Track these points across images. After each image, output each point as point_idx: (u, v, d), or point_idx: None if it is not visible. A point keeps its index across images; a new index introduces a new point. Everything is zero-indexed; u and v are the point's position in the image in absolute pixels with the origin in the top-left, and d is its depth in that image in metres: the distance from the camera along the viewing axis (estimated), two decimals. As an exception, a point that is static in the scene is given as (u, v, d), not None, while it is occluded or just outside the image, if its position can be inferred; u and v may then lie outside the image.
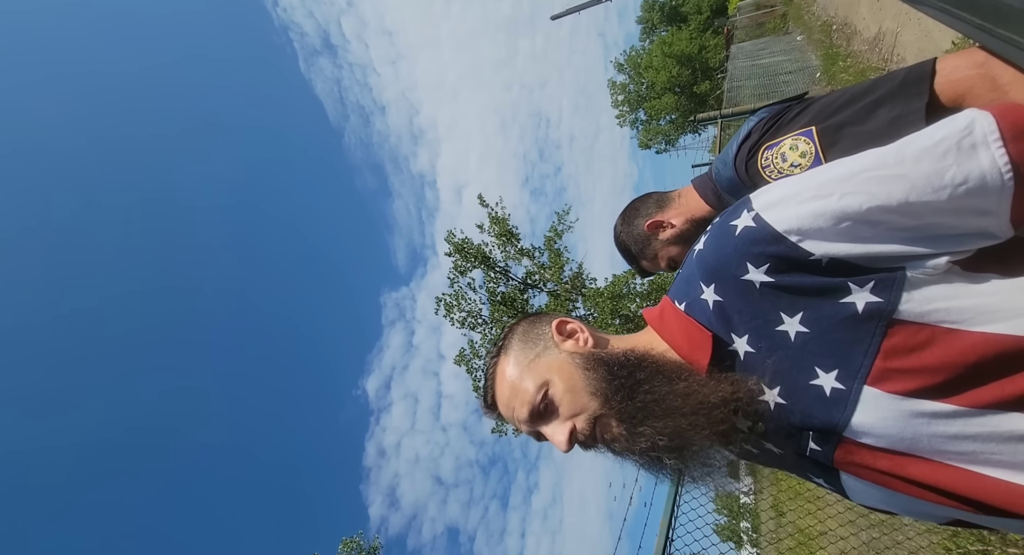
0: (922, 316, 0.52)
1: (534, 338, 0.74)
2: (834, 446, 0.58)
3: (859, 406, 0.54)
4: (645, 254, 1.45)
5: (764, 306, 0.58)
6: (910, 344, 0.52)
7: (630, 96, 25.33)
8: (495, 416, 0.76)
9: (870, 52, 6.13)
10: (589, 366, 0.68)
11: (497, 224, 12.44)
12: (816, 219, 0.54)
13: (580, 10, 15.37)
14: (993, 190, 0.50)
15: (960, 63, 0.81)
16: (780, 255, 0.56)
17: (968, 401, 0.50)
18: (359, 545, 12.25)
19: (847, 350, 0.54)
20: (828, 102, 1.00)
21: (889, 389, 0.53)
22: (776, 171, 1.03)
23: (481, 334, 12.10)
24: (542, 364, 0.71)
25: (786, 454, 0.65)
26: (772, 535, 4.97)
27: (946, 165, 0.50)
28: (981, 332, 0.50)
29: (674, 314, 0.68)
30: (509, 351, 0.74)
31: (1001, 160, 0.49)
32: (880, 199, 0.52)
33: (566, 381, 0.68)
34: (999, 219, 0.51)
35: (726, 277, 0.60)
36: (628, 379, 0.65)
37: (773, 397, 0.60)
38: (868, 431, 0.55)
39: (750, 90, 9.74)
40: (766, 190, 0.61)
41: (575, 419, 0.67)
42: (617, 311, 11.10)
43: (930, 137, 0.52)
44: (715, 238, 0.62)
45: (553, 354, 0.71)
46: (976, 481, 0.52)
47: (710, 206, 1.35)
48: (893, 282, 0.53)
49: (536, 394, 0.68)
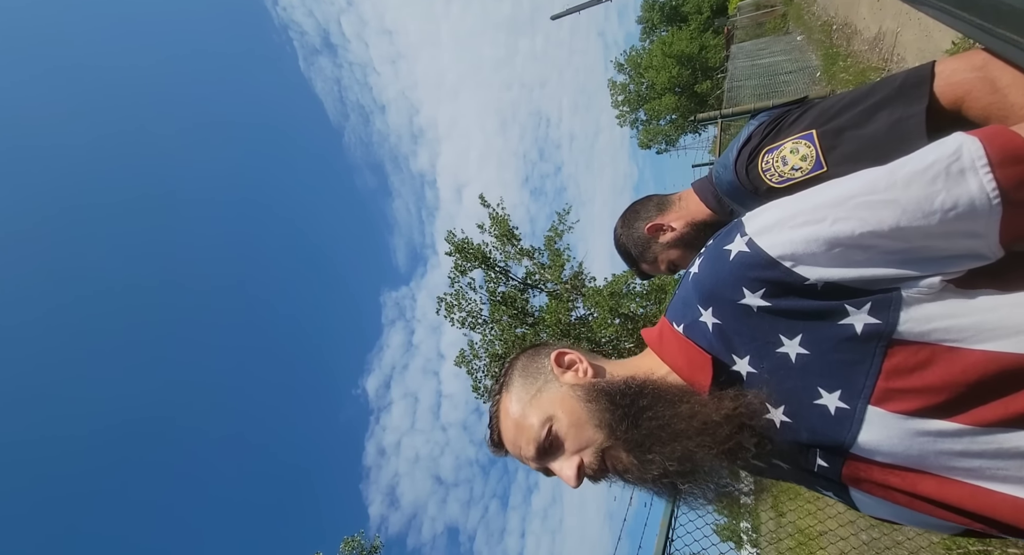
0: (922, 336, 0.53)
1: (534, 372, 0.74)
2: (842, 463, 0.59)
3: (864, 425, 0.55)
4: (645, 257, 1.45)
5: (763, 329, 0.59)
6: (911, 364, 0.53)
7: (630, 96, 25.32)
8: (503, 454, 0.76)
9: (870, 52, 6.13)
10: (591, 398, 0.68)
11: (497, 224, 12.45)
12: (809, 245, 0.54)
13: (580, 10, 15.37)
14: (981, 214, 0.51)
15: (959, 66, 0.81)
16: (775, 280, 0.56)
17: (972, 419, 0.51)
18: (360, 544, 12.26)
19: (848, 371, 0.55)
20: (828, 106, 1.00)
21: (893, 409, 0.53)
22: (777, 174, 1.03)
23: (481, 334, 12.11)
24: (544, 399, 0.70)
25: (795, 470, 0.65)
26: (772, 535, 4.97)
27: (936, 190, 0.51)
28: (982, 350, 0.51)
29: (673, 336, 0.68)
30: (511, 388, 0.74)
31: (989, 185, 0.50)
32: (871, 224, 0.52)
33: (569, 415, 0.67)
34: (988, 241, 0.52)
35: (723, 301, 0.61)
36: (631, 407, 0.64)
37: (778, 416, 0.60)
38: (875, 449, 0.55)
39: (750, 90, 9.74)
40: (759, 213, 0.61)
41: (582, 453, 0.67)
42: (617, 311, 11.10)
43: (920, 161, 0.53)
44: (710, 262, 0.63)
45: (554, 388, 0.71)
46: (985, 497, 0.52)
47: (710, 209, 1.35)
48: (890, 303, 0.53)
49: (541, 431, 0.68)
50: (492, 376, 11.45)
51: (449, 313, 12.19)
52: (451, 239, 12.29)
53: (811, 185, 1.00)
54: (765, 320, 0.58)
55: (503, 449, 0.75)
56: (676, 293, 0.72)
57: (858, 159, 0.91)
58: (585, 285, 12.34)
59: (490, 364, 11.54)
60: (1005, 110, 0.76)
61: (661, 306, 11.14)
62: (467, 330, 12.18)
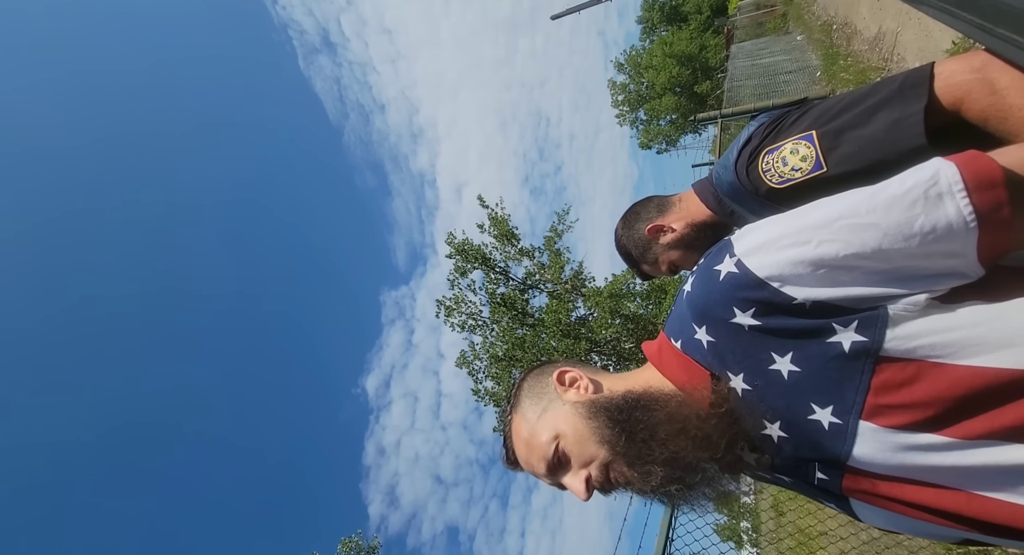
0: (908, 353, 0.55)
1: (539, 392, 0.77)
2: (840, 476, 0.61)
3: (858, 439, 0.57)
4: (646, 258, 1.45)
5: (755, 347, 0.61)
6: (898, 380, 0.55)
7: (630, 96, 25.34)
8: (519, 471, 0.79)
9: (870, 52, 6.13)
10: (591, 415, 0.70)
11: (497, 225, 12.45)
12: (795, 266, 0.57)
13: (580, 10, 15.39)
14: (959, 236, 0.53)
15: (958, 67, 0.81)
16: (764, 300, 0.58)
17: (961, 433, 0.53)
18: (358, 545, 12.24)
19: (838, 387, 0.57)
20: (828, 107, 1.00)
21: (884, 424, 0.55)
22: (777, 175, 1.03)
23: (482, 336, 12.12)
24: (549, 418, 0.73)
25: (797, 482, 0.67)
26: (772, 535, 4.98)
27: (915, 214, 0.54)
28: (967, 366, 0.53)
29: (672, 352, 0.71)
30: (520, 408, 0.77)
31: (966, 210, 0.52)
32: (855, 247, 0.55)
33: (573, 432, 0.70)
34: (967, 261, 0.54)
35: (715, 320, 0.63)
36: (627, 422, 0.67)
37: (775, 431, 0.62)
38: (870, 462, 0.57)
39: (750, 90, 9.74)
40: (746, 233, 0.64)
41: (588, 468, 0.69)
42: (617, 310, 11.11)
43: (899, 186, 0.56)
44: (701, 282, 0.65)
45: (558, 406, 0.74)
46: (980, 503, 0.54)
47: (711, 210, 1.35)
48: (876, 321, 0.55)
49: (549, 449, 0.71)
50: (493, 377, 11.45)
51: (448, 317, 12.20)
52: (451, 241, 12.30)
53: (811, 185, 1.01)
54: (756, 339, 0.60)
55: (518, 466, 0.78)
56: (672, 309, 0.75)
57: (858, 159, 0.92)
58: (585, 285, 12.35)
59: (491, 365, 11.54)
60: (1003, 111, 0.76)
61: (661, 307, 11.16)
62: (467, 333, 12.19)
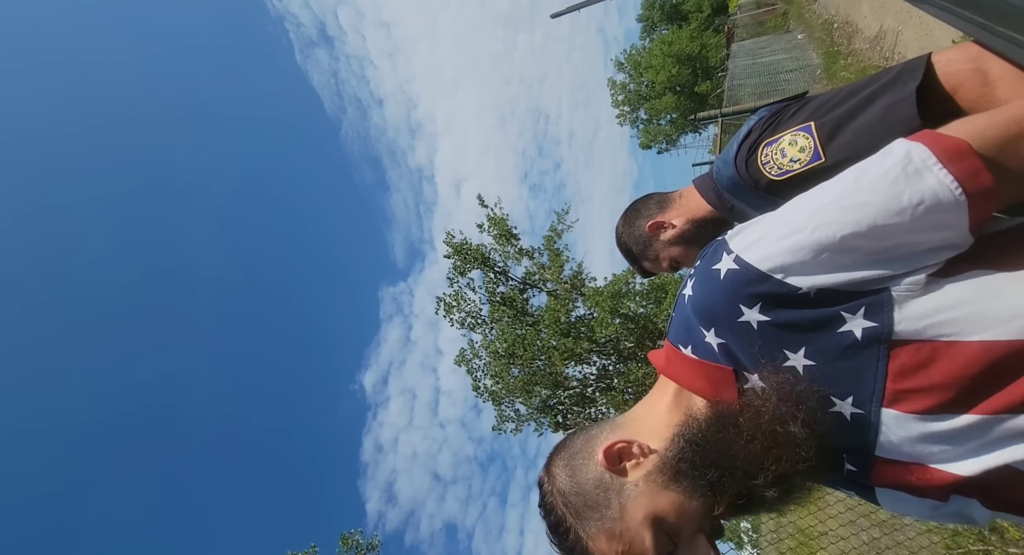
0: (919, 333, 0.54)
1: (596, 496, 0.64)
2: (870, 465, 0.60)
3: (882, 428, 0.57)
4: (647, 255, 1.45)
5: (767, 345, 0.60)
6: (915, 363, 0.54)
7: (630, 95, 25.28)
8: None
9: (871, 50, 6.12)
10: (673, 478, 0.62)
11: (496, 225, 12.45)
12: (795, 254, 0.56)
13: (580, 8, 15.37)
14: (948, 206, 0.53)
15: (955, 56, 0.83)
16: (769, 293, 0.58)
17: (984, 410, 0.52)
18: (358, 542, 12.24)
19: (856, 377, 0.57)
20: (826, 98, 1.01)
21: (907, 409, 0.55)
22: (776, 167, 1.04)
23: (481, 334, 12.12)
24: (631, 514, 0.62)
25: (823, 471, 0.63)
26: (772, 535, 4.98)
27: (900, 190, 0.54)
28: (980, 341, 0.52)
29: (683, 360, 0.67)
30: (588, 529, 0.64)
31: (947, 179, 0.53)
32: (851, 226, 0.55)
33: (671, 508, 0.62)
34: (959, 230, 0.55)
35: (723, 321, 0.61)
36: (711, 469, 0.60)
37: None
38: (897, 449, 0.57)
39: (751, 88, 9.74)
40: (740, 231, 0.63)
41: (702, 531, 0.62)
42: (617, 310, 11.10)
43: (878, 167, 0.57)
44: (701, 283, 0.64)
45: (631, 494, 0.63)
46: (1015, 476, 0.53)
47: (711, 206, 1.35)
48: (882, 304, 0.55)
49: (656, 544, 0.61)
50: (492, 376, 11.42)
51: (448, 314, 12.20)
52: (449, 241, 12.29)
53: (810, 176, 1.01)
54: (767, 336, 0.59)
55: None
56: (674, 316, 0.72)
57: (856, 148, 0.92)
58: (585, 285, 12.34)
59: (491, 363, 11.54)
60: (992, 103, 0.78)
61: (661, 306, 11.14)
62: (467, 331, 12.20)
